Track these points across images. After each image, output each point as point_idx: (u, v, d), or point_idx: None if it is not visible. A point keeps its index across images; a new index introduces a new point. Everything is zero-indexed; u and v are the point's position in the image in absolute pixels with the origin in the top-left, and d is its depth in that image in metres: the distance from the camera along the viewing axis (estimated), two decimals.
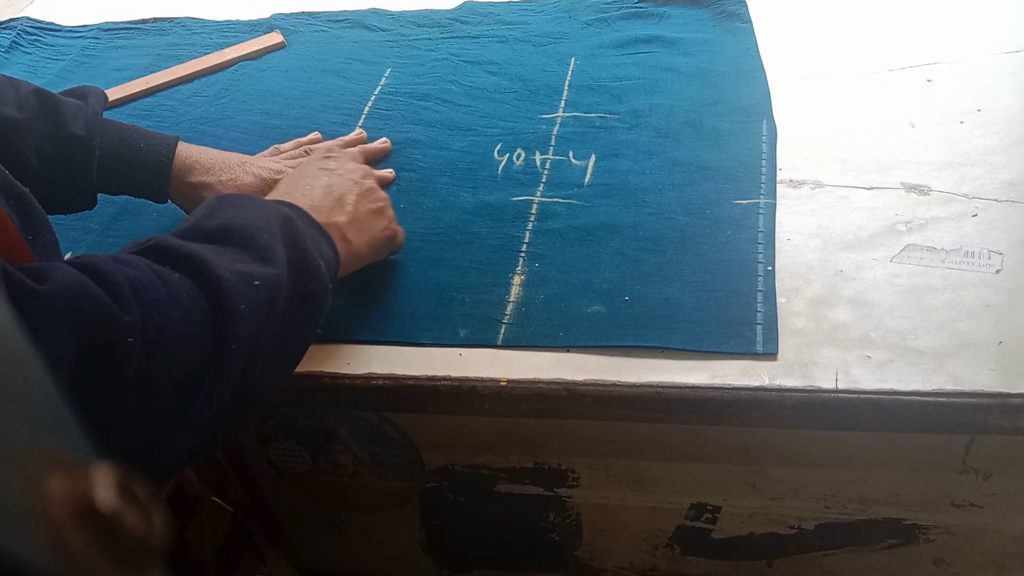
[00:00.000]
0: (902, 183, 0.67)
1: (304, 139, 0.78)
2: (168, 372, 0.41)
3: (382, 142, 0.78)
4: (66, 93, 0.66)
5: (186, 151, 0.67)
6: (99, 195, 0.66)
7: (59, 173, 0.62)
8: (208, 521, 0.77)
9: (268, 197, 0.56)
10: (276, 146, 0.76)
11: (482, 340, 0.60)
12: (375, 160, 0.77)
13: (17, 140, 0.60)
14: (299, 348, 0.52)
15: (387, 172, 0.75)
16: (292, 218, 0.51)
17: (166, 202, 0.68)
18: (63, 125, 0.62)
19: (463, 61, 0.90)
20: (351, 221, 0.58)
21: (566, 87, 0.84)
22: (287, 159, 0.73)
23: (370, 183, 0.62)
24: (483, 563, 0.82)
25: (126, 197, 0.70)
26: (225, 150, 0.70)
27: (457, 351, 0.59)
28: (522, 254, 0.66)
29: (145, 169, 0.65)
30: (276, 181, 0.67)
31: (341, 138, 0.78)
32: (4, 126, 0.60)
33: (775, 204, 0.67)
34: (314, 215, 0.54)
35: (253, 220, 0.49)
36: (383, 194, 0.63)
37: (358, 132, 0.79)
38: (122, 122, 0.67)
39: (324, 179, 0.59)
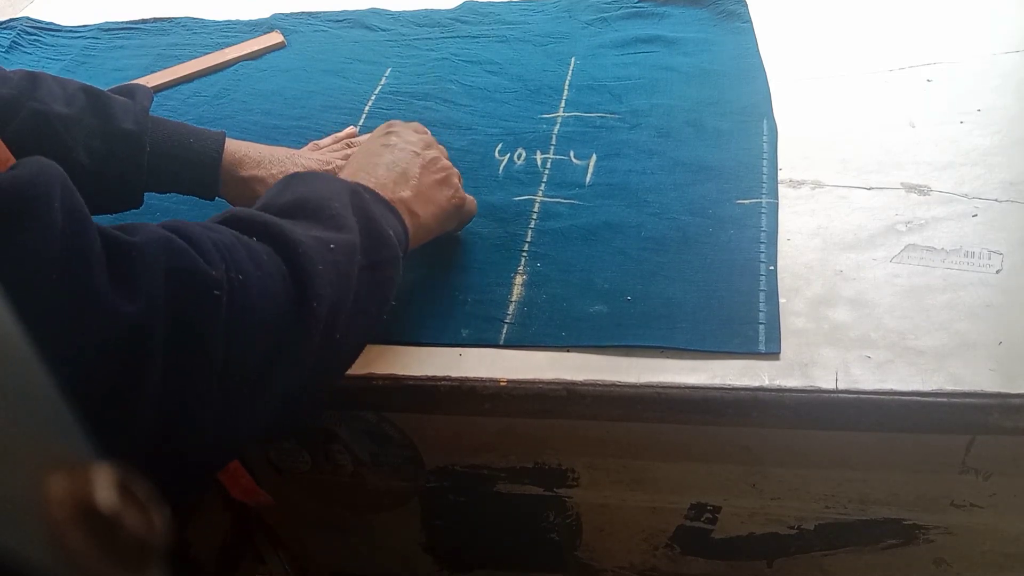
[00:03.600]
0: (902, 183, 0.67)
1: (341, 134, 0.77)
2: (252, 335, 0.40)
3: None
4: (112, 91, 0.65)
5: (234, 146, 0.67)
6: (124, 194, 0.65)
7: (109, 169, 0.62)
8: (208, 521, 0.77)
9: None
10: (315, 142, 0.75)
11: (484, 340, 0.60)
12: None
13: (67, 136, 0.59)
14: (375, 319, 0.51)
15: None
16: (360, 192, 0.52)
17: (213, 199, 0.67)
18: (113, 120, 0.62)
19: (463, 61, 0.90)
20: (416, 195, 0.58)
21: (566, 87, 0.84)
22: (330, 152, 0.72)
23: (432, 153, 0.61)
24: (483, 563, 0.82)
25: None
26: None
27: (457, 351, 0.59)
28: (524, 253, 0.66)
29: (196, 164, 0.65)
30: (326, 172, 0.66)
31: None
32: (53, 122, 0.59)
33: (777, 204, 0.67)
34: (380, 192, 0.54)
35: (323, 193, 0.50)
36: (447, 163, 0.62)
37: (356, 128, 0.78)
38: (168, 119, 0.66)
39: (387, 156, 0.59)
